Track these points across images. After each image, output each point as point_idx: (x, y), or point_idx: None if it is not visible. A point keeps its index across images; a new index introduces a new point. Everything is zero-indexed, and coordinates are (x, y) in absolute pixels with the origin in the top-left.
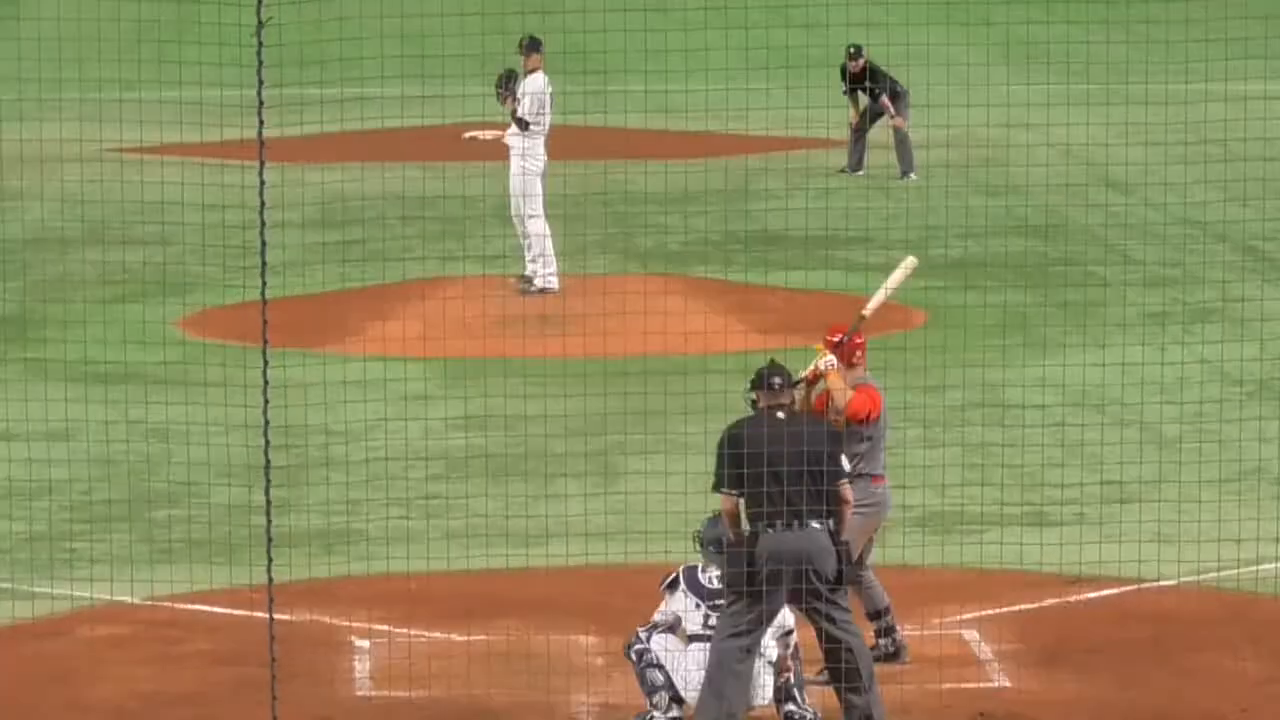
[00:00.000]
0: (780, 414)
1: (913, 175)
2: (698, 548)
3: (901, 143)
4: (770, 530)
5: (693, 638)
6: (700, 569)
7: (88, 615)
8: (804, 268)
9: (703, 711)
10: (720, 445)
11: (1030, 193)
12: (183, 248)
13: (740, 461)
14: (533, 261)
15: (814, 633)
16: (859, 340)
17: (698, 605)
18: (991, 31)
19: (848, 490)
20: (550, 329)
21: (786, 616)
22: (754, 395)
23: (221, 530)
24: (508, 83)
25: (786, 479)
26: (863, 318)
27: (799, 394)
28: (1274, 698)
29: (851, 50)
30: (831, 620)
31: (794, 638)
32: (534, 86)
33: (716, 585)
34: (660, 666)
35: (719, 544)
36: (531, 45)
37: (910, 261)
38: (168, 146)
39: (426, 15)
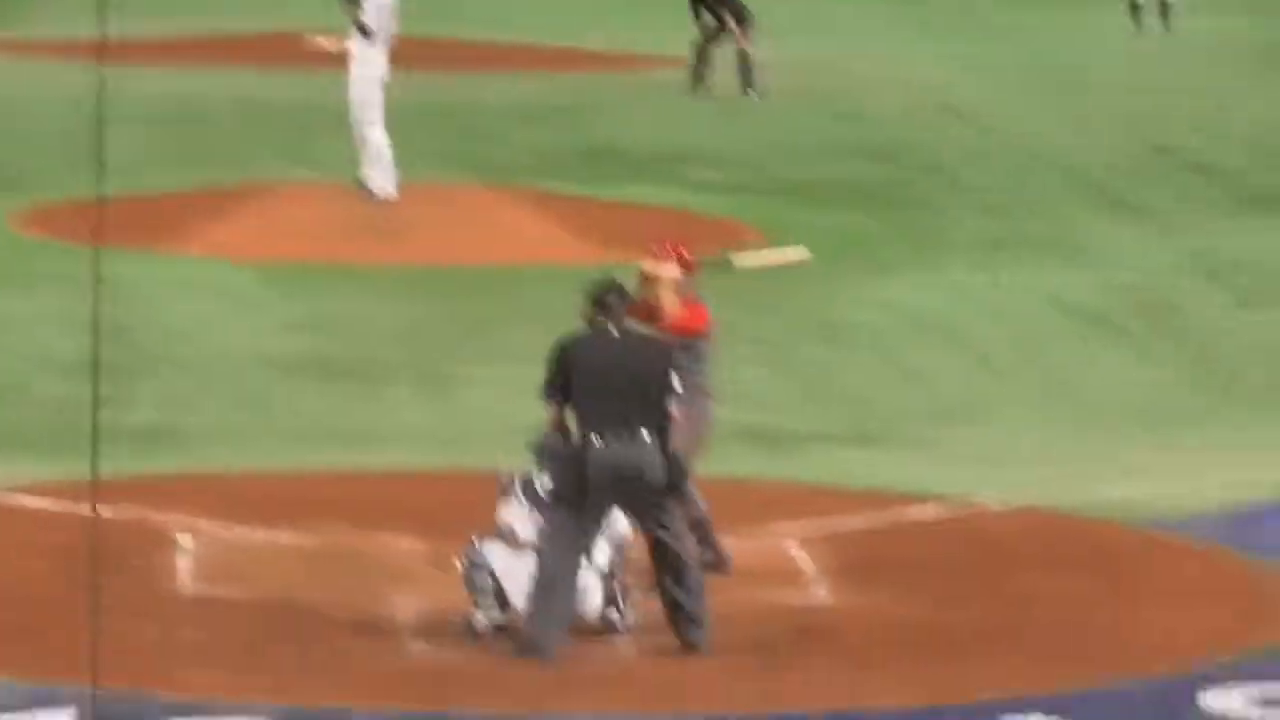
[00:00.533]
0: (613, 331)
1: (753, 93)
2: (533, 456)
3: (744, 63)
4: (599, 440)
5: (526, 546)
6: (536, 477)
7: None
8: (644, 183)
9: (530, 619)
10: (549, 358)
11: (872, 120)
12: (19, 144)
13: (564, 371)
14: (369, 168)
15: (644, 542)
16: (690, 256)
17: (531, 512)
18: None
19: (675, 408)
20: (387, 236)
21: (622, 525)
22: (589, 311)
23: (48, 424)
24: None
25: (617, 393)
26: (727, 262)
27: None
28: (1091, 617)
29: None
30: (664, 527)
31: (626, 547)
32: None
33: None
34: (490, 571)
35: (552, 453)
36: None
37: (799, 252)
38: (6, 41)
39: None
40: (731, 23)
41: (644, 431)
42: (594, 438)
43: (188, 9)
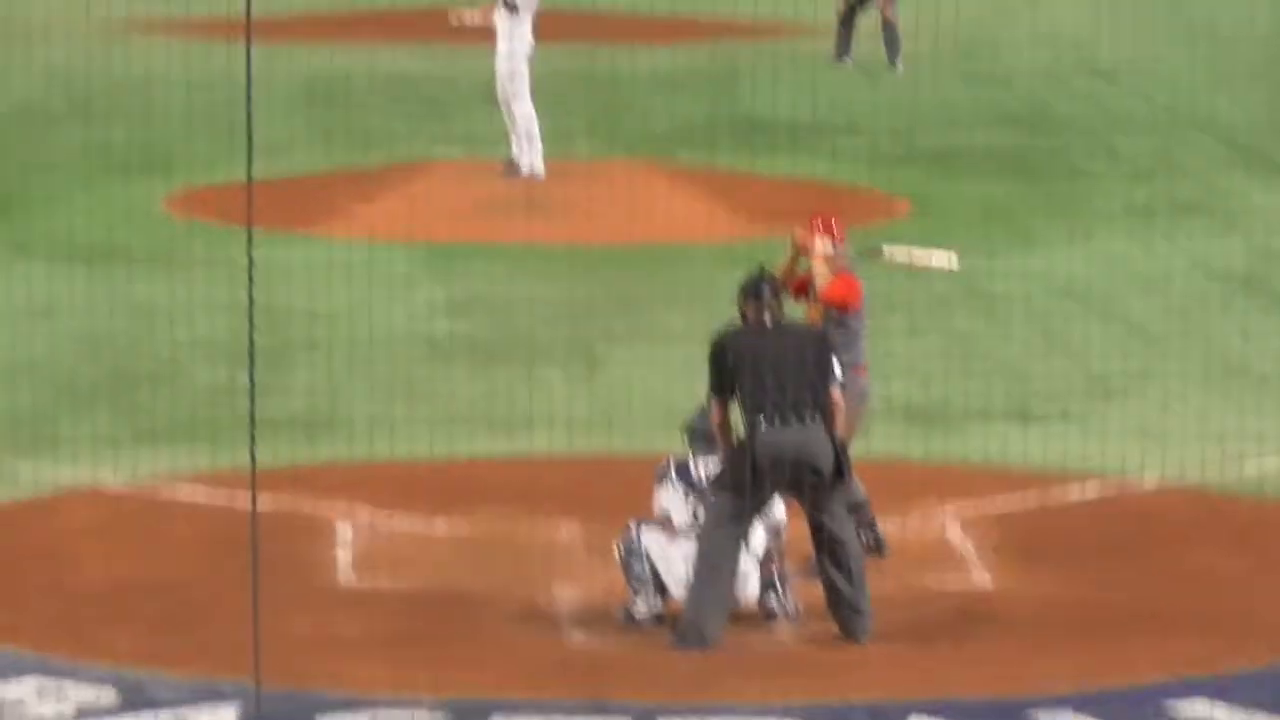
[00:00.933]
0: (768, 323)
1: (899, 64)
2: (685, 439)
3: (889, 32)
4: (768, 425)
5: (681, 532)
6: (691, 461)
7: (69, 497)
8: (789, 154)
9: (690, 607)
10: (710, 355)
11: (1015, 82)
12: (168, 125)
13: (727, 367)
14: (518, 145)
15: (805, 527)
16: (842, 227)
17: (686, 497)
18: None
19: (838, 393)
20: (535, 213)
21: (779, 511)
22: (744, 304)
23: (205, 411)
24: None
25: (779, 381)
26: (878, 251)
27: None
28: (1252, 597)
29: None
30: (827, 513)
31: (783, 533)
32: None
33: (702, 481)
34: (646, 558)
35: (708, 436)
36: None
37: (950, 260)
38: (154, 22)
39: None
40: None
41: (810, 417)
42: (761, 422)
43: None
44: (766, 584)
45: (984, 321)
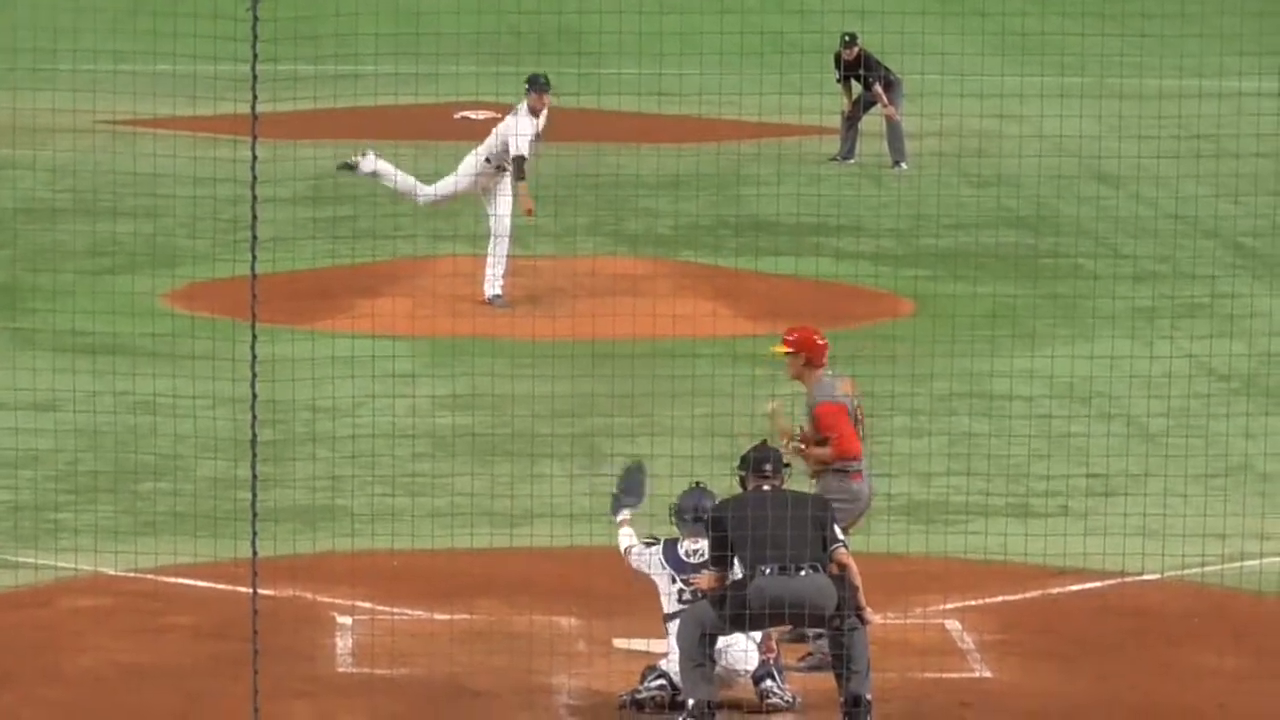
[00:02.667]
0: (767, 487)
1: (904, 165)
2: (672, 519)
3: (893, 132)
4: (766, 572)
5: (668, 617)
6: (679, 542)
7: (70, 585)
8: (793, 254)
9: (689, 687)
10: (710, 524)
11: (1021, 184)
12: (172, 221)
13: (725, 537)
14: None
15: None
16: (821, 342)
17: (673, 580)
18: (986, 22)
19: (845, 555)
20: (538, 310)
21: None
22: (742, 474)
23: (206, 503)
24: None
25: (777, 539)
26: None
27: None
28: (1253, 694)
29: (846, 38)
30: (837, 628)
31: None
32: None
33: (694, 560)
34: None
35: (695, 513)
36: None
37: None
38: (160, 120)
39: None
40: (879, 90)
41: (810, 568)
42: (761, 570)
43: (339, 84)
44: (764, 672)
45: (986, 421)
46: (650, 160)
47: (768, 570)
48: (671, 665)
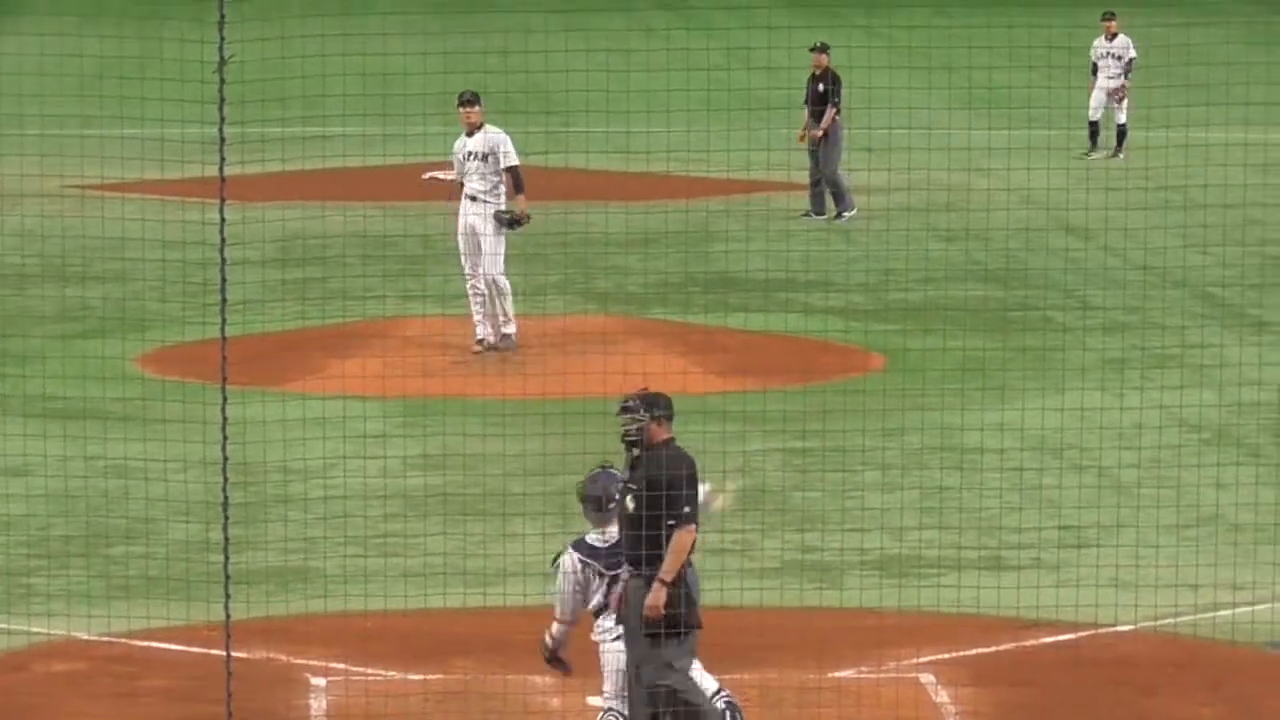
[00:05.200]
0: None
1: (846, 214)
2: (580, 502)
3: (835, 188)
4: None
5: (598, 612)
6: (584, 536)
7: (44, 650)
8: (763, 310)
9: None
10: (683, 480)
11: (989, 238)
12: (142, 284)
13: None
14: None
15: None
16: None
17: (600, 575)
18: (953, 76)
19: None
20: (509, 369)
21: None
22: (659, 415)
23: (178, 567)
24: None
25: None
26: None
27: None
28: None
29: (818, 44)
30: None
31: None
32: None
33: (605, 544)
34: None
35: (599, 502)
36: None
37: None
38: (128, 183)
39: (388, 54)
40: (833, 115)
41: None
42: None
43: (307, 145)
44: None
45: (958, 474)
46: (619, 218)
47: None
48: (611, 700)
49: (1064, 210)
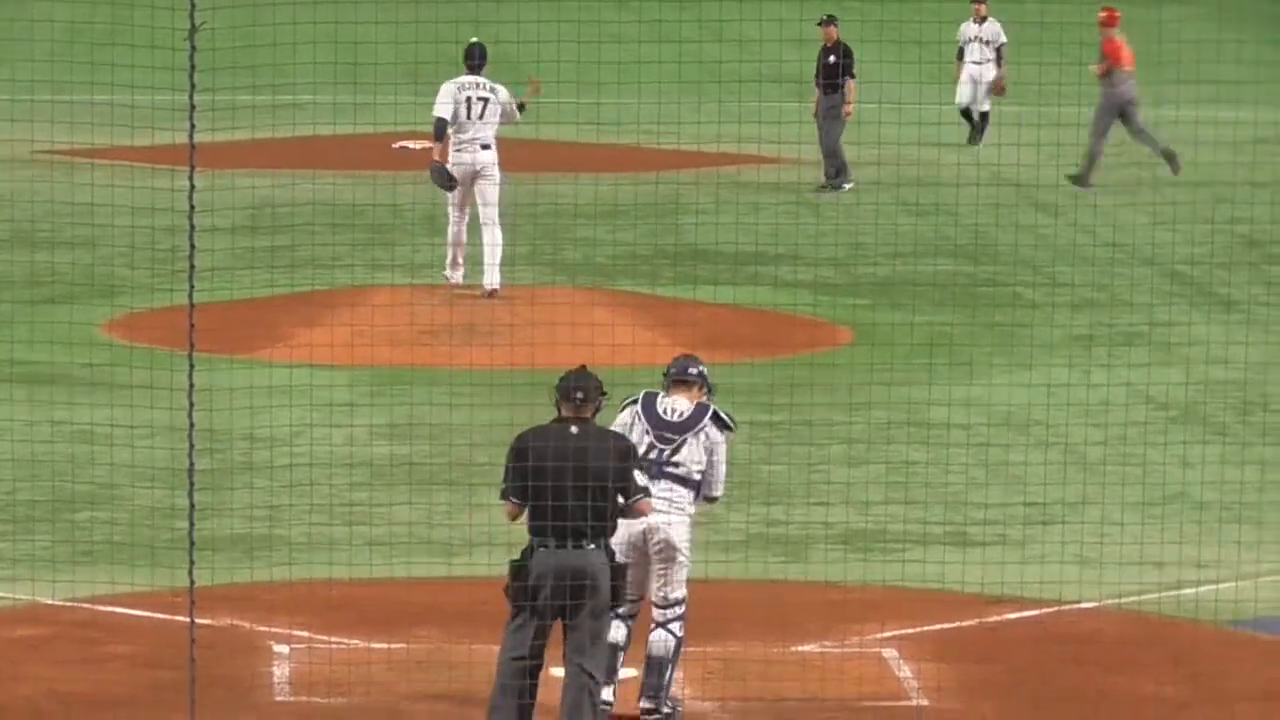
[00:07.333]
0: (574, 427)
1: (846, 186)
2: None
3: (835, 152)
4: (545, 548)
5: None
6: (658, 397)
7: (7, 615)
8: (731, 283)
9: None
10: (509, 453)
11: (959, 213)
12: (111, 251)
13: (524, 471)
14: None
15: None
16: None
17: (647, 432)
18: (923, 51)
19: (646, 504)
20: (477, 339)
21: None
22: (557, 400)
23: (144, 533)
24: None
25: (569, 495)
26: None
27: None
28: None
29: (825, 17)
30: (580, 651)
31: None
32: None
33: (672, 419)
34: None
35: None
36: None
37: None
38: (98, 149)
39: (359, 23)
40: (853, 86)
41: (590, 542)
42: (539, 543)
43: (278, 113)
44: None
45: (924, 450)
46: (588, 189)
47: (544, 546)
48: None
49: (1034, 186)
